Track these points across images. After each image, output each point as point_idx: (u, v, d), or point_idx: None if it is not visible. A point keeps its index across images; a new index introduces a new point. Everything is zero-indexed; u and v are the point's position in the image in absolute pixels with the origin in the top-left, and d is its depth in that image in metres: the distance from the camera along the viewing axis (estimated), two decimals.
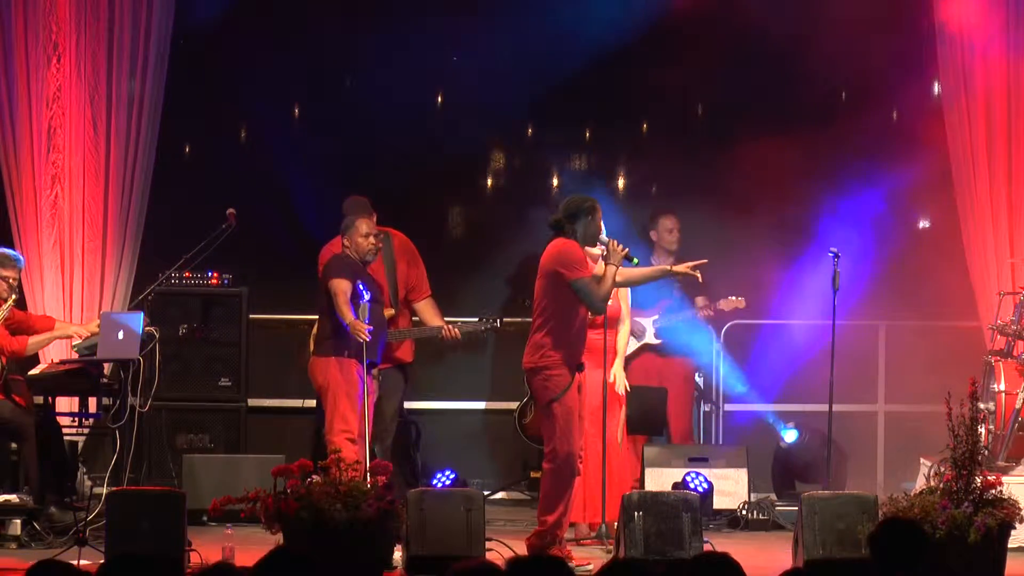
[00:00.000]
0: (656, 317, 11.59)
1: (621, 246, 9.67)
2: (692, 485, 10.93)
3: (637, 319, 11.31)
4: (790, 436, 12.00)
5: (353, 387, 10.22)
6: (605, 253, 9.64)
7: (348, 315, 10.17)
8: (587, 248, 9.72)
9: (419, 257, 11.38)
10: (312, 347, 10.69)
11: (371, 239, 10.44)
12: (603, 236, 9.68)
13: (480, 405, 12.49)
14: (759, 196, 12.06)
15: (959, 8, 11.89)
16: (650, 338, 11.62)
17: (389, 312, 10.98)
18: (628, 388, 10.50)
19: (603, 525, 10.23)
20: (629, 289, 10.58)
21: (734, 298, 11.56)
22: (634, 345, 11.32)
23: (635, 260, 9.81)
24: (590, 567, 9.44)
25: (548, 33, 12.16)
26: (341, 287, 10.26)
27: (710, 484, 11.08)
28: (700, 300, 11.63)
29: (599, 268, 9.67)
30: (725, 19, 12.29)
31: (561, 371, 9.47)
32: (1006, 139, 11.88)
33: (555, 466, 9.48)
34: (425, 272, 11.33)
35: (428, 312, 11.30)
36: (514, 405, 11.77)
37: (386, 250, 11.07)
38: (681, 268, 10.01)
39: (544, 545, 9.42)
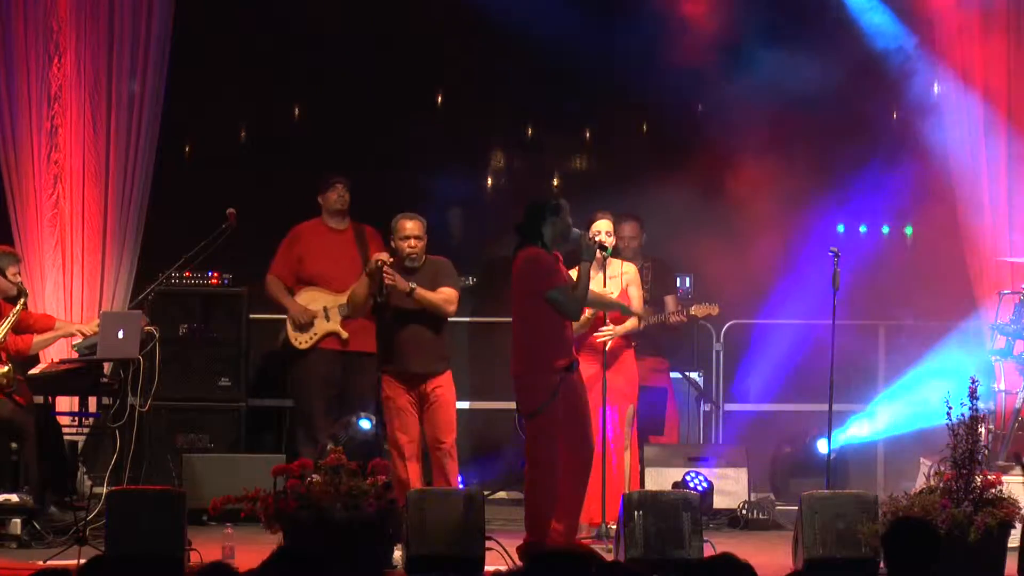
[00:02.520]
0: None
1: (590, 238, 9.65)
2: (692, 484, 10.93)
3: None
4: (823, 446, 11.86)
5: (391, 401, 10.15)
6: (579, 249, 9.58)
7: (356, 288, 10.20)
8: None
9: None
10: None
11: (411, 242, 10.24)
12: (574, 232, 9.62)
13: (480, 405, 12.48)
14: (759, 196, 12.05)
15: (959, 8, 11.89)
16: None
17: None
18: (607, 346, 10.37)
19: (603, 525, 10.22)
20: (638, 285, 10.57)
21: (707, 304, 11.48)
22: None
23: (608, 250, 9.85)
24: None
25: (549, 32, 12.18)
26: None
27: (710, 483, 11.08)
28: (670, 301, 11.58)
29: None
30: (725, 20, 12.30)
31: (544, 379, 9.41)
32: (1006, 139, 11.89)
33: (535, 476, 9.45)
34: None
35: None
36: (513, 405, 11.76)
37: (359, 239, 11.46)
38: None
39: None
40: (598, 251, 9.85)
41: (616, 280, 10.35)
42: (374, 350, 11.32)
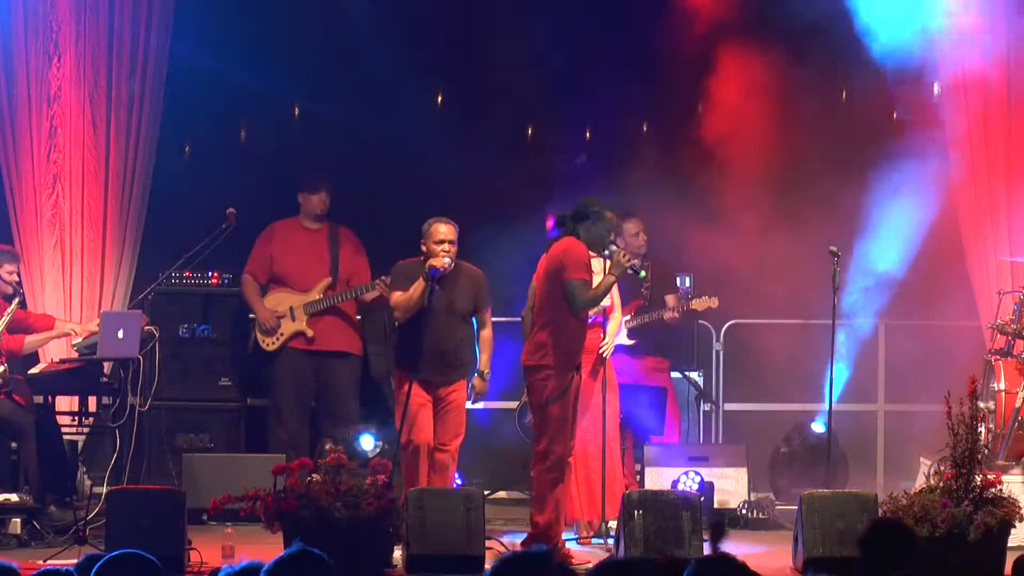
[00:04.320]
0: (628, 317, 11.57)
1: (627, 257, 9.66)
2: (682, 486, 10.92)
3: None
4: (818, 426, 11.93)
5: (400, 403, 10.06)
6: (610, 263, 9.64)
7: (412, 293, 10.04)
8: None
9: (363, 249, 11.67)
10: None
11: (445, 247, 10.05)
12: (611, 247, 9.69)
13: (480, 405, 12.46)
14: (759, 194, 12.05)
15: (959, 8, 11.89)
16: (623, 338, 11.59)
17: (327, 281, 11.50)
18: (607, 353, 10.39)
19: (603, 523, 10.24)
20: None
21: (707, 297, 11.51)
22: None
23: (642, 273, 9.86)
24: (590, 566, 9.43)
25: (549, 32, 12.18)
26: (392, 299, 10.24)
27: (704, 484, 11.04)
28: (671, 299, 11.61)
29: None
30: (726, 19, 12.29)
31: (560, 372, 9.52)
32: (1006, 138, 11.88)
33: (546, 466, 9.53)
34: (367, 263, 11.58)
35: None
36: (513, 405, 11.78)
37: (332, 239, 11.55)
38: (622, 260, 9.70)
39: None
40: (630, 272, 9.82)
41: (597, 277, 10.36)
42: (343, 348, 11.44)
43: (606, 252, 9.74)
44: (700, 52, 12.13)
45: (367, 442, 11.24)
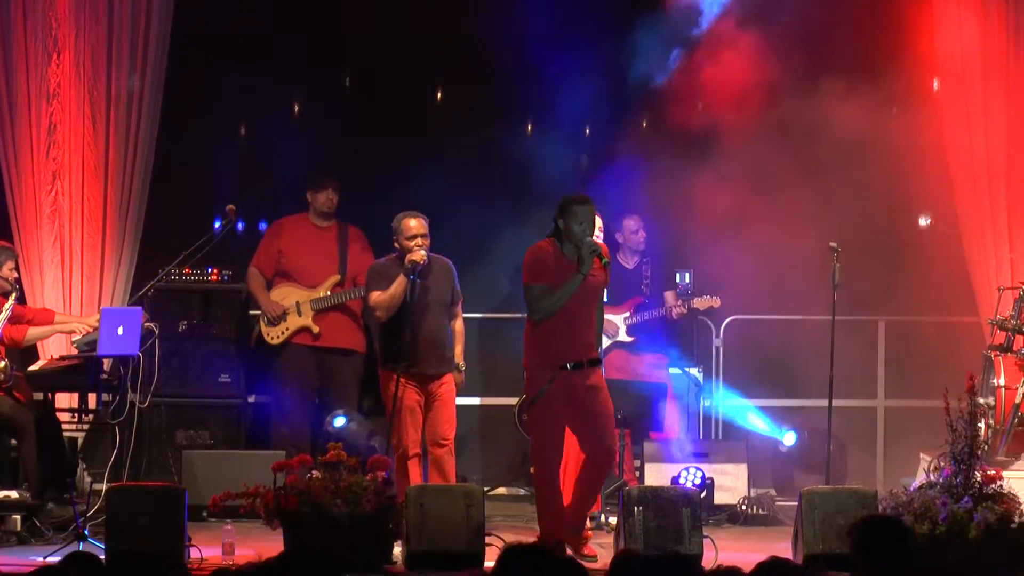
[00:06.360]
0: (627, 314, 11.58)
1: (588, 247, 9.38)
2: (683, 482, 10.93)
3: (609, 316, 11.29)
4: (789, 439, 11.96)
5: (400, 401, 9.97)
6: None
7: (394, 291, 10.00)
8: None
9: (370, 248, 11.63)
10: None
11: (417, 241, 10.05)
12: (586, 241, 9.38)
13: (479, 401, 12.49)
14: (759, 192, 12.05)
15: (959, 6, 11.89)
16: (622, 336, 11.62)
17: (335, 278, 11.49)
18: None
19: (601, 515, 10.28)
20: None
21: (708, 297, 11.51)
22: (606, 342, 11.30)
23: (605, 260, 9.48)
24: (595, 557, 9.45)
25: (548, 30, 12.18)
26: (371, 300, 10.21)
27: (703, 480, 11.04)
28: (670, 297, 11.60)
29: None
30: (725, 18, 12.29)
31: (539, 372, 9.44)
32: (1005, 135, 11.88)
33: (536, 470, 9.55)
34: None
35: None
36: (513, 401, 11.79)
37: (341, 237, 11.55)
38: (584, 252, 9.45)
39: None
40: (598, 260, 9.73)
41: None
42: (348, 345, 11.46)
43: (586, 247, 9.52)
44: (697, 50, 12.13)
45: (338, 422, 11.28)
